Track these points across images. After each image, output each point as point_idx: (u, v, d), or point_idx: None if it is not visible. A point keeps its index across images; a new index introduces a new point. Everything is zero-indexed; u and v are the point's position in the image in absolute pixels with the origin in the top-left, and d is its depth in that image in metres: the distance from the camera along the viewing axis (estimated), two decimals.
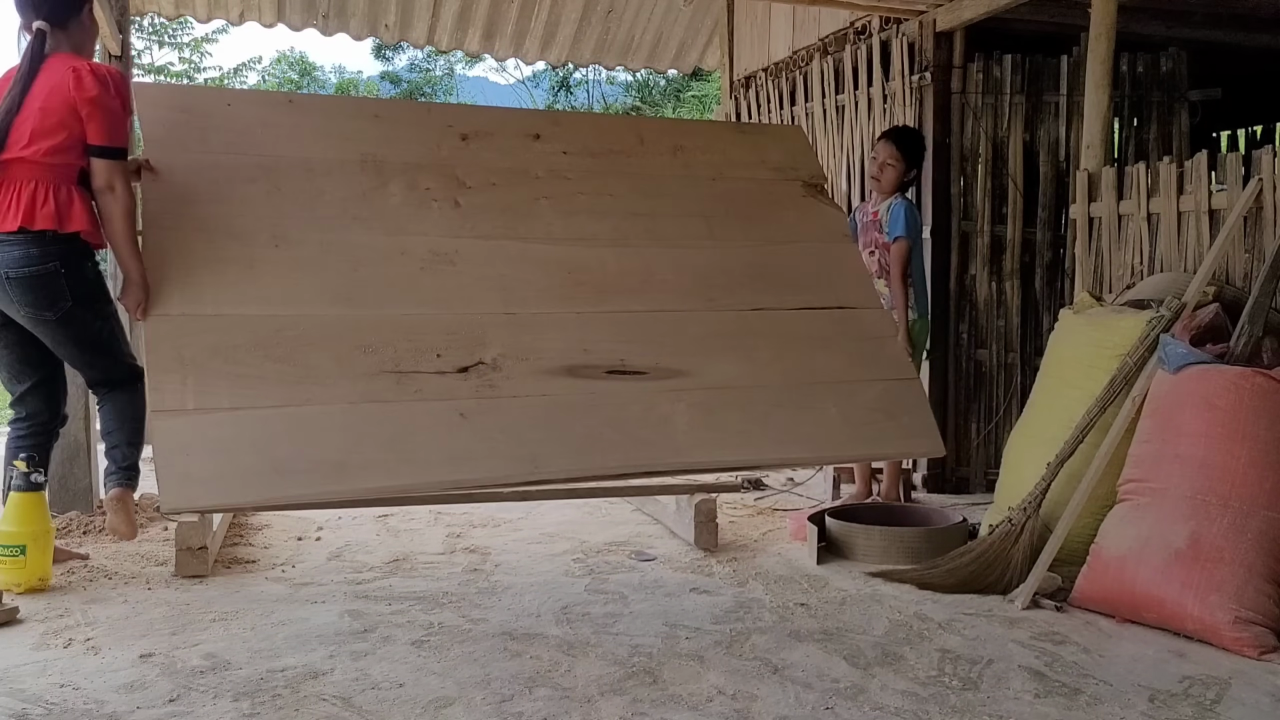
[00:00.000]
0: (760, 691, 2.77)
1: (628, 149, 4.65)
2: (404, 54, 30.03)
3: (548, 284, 4.06)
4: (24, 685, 2.76)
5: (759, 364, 4.14)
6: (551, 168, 4.46)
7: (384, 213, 3.98)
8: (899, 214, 4.74)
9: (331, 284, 3.73)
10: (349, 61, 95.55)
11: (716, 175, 4.69)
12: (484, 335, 3.77)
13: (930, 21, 5.22)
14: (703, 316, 4.22)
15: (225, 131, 3.91)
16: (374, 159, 4.07)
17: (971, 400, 5.38)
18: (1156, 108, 5.30)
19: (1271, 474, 3.26)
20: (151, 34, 21.09)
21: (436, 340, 3.73)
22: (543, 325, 3.94)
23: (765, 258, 4.47)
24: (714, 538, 4.19)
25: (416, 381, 3.60)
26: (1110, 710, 2.69)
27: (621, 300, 4.17)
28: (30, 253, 3.47)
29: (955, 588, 3.64)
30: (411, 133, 4.29)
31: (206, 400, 3.28)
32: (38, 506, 3.58)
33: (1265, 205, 3.74)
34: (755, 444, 3.90)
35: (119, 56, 6.03)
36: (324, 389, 3.47)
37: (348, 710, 2.64)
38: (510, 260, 4.06)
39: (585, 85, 28.83)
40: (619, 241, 4.31)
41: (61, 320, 3.56)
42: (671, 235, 4.43)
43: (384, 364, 3.58)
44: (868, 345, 4.26)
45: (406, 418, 3.52)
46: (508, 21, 7.66)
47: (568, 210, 4.32)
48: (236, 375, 3.38)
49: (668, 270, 4.25)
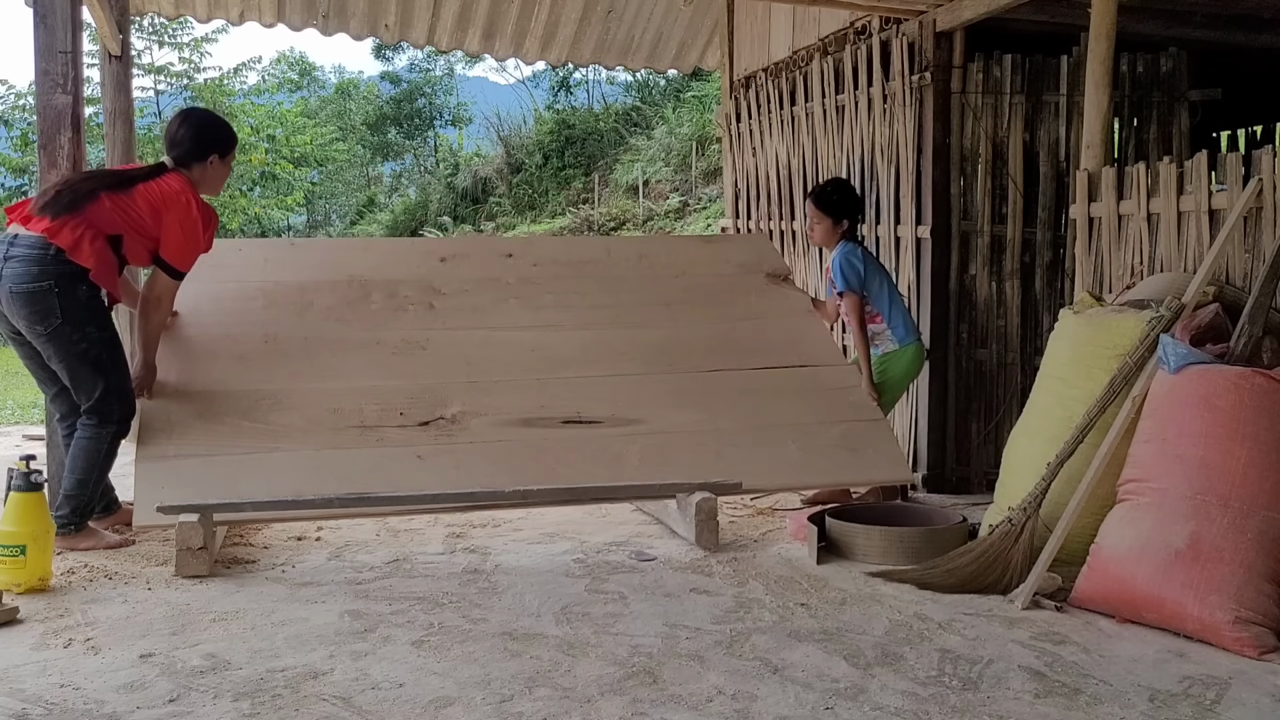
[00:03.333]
0: (760, 691, 2.77)
1: (595, 259, 5.17)
2: (404, 54, 30.09)
3: (510, 359, 4.48)
4: (24, 685, 2.76)
5: (715, 412, 4.46)
6: (522, 276, 4.97)
7: (364, 315, 4.50)
8: (836, 268, 4.88)
9: (310, 366, 4.24)
10: (349, 61, 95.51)
11: (680, 274, 5.14)
12: (447, 398, 4.17)
13: (930, 21, 5.22)
14: (660, 378, 4.58)
15: (234, 268, 4.58)
16: (359, 279, 4.66)
17: (971, 400, 5.39)
18: (1156, 108, 5.30)
19: (1271, 474, 3.26)
20: (151, 34, 21.10)
21: (401, 402, 4.18)
22: (503, 389, 4.35)
23: (726, 331, 4.80)
24: (714, 538, 4.18)
25: (379, 433, 4.03)
26: (1110, 710, 2.69)
27: (580, 368, 4.56)
28: (31, 270, 3.83)
29: (955, 588, 3.64)
30: (395, 259, 4.92)
31: (184, 449, 3.83)
32: (38, 506, 3.58)
33: (1265, 205, 3.74)
34: (707, 474, 4.19)
35: (119, 56, 6.03)
36: (292, 440, 3.99)
37: (348, 710, 2.64)
38: (477, 344, 4.52)
39: (585, 85, 28.84)
40: (582, 326, 4.73)
41: (51, 335, 3.88)
42: (633, 320, 4.82)
43: (350, 421, 4.05)
44: (831, 394, 4.61)
45: (365, 460, 3.97)
46: (508, 21, 7.67)
47: (535, 306, 4.77)
48: (214, 431, 3.95)
49: (627, 345, 4.61)
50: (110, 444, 4.03)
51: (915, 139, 5.34)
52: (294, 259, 4.77)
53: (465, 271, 4.85)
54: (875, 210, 5.70)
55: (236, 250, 4.83)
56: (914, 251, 5.41)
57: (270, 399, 4.11)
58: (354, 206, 32.18)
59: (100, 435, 3.99)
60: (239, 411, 4.05)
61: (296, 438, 3.99)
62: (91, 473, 4.00)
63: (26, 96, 20.28)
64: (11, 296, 3.85)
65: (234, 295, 4.53)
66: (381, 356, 4.33)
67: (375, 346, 4.36)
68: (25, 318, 3.87)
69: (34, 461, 3.62)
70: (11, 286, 3.84)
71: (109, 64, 6.10)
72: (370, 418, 4.10)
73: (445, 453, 4.13)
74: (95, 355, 3.94)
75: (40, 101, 4.38)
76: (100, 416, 3.98)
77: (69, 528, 3.96)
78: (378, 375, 4.27)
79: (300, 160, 25.02)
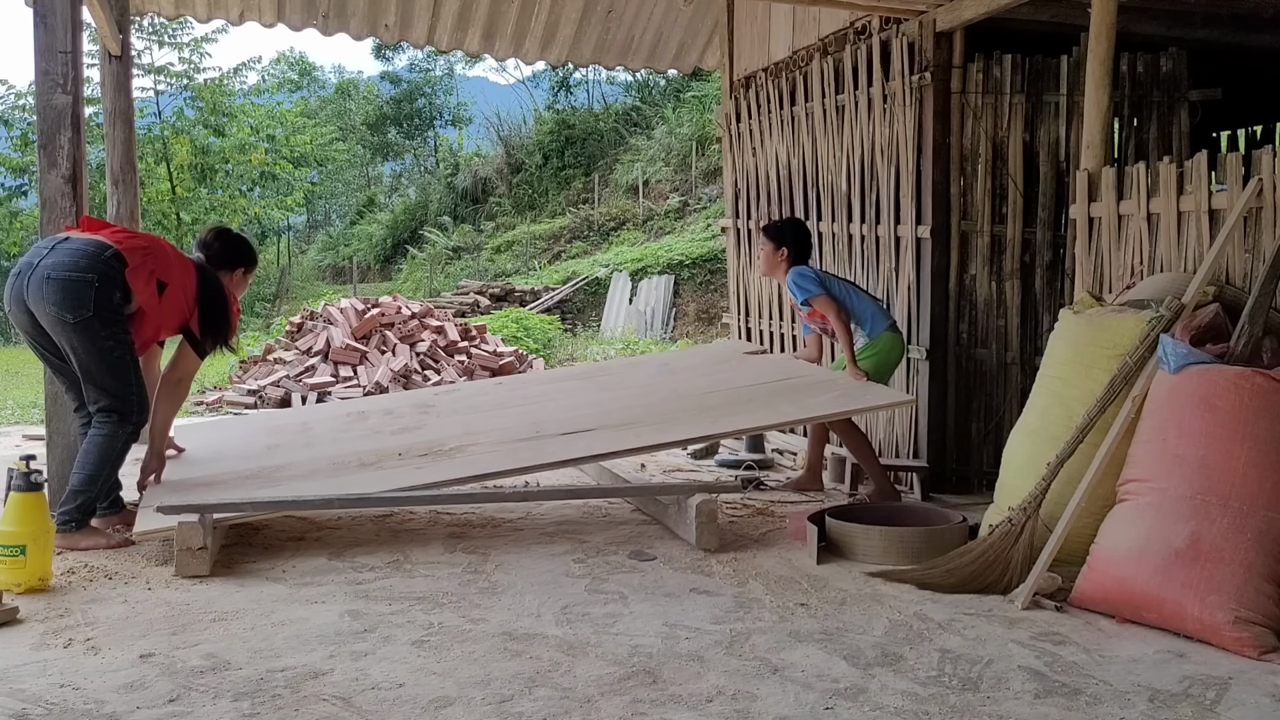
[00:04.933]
0: (760, 691, 2.77)
1: (587, 374, 6.03)
2: (404, 54, 30.12)
3: (506, 414, 5.00)
4: (24, 685, 2.76)
5: (709, 406, 4.90)
6: (511, 390, 5.74)
7: (362, 426, 5.08)
8: (791, 287, 5.15)
9: (313, 451, 4.68)
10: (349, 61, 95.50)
11: (663, 364, 6.06)
12: (444, 443, 4.56)
13: (930, 21, 5.22)
14: (650, 401, 5.08)
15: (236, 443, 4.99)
16: (357, 410, 5.42)
17: (971, 400, 5.39)
18: (1156, 108, 5.30)
19: (1271, 474, 3.26)
20: (151, 34, 21.11)
21: (401, 449, 4.55)
22: (496, 425, 4.81)
23: (714, 381, 5.31)
24: (714, 538, 4.19)
25: (378, 465, 4.37)
26: (1110, 710, 2.69)
27: (574, 408, 5.05)
28: (78, 262, 3.91)
29: (955, 588, 3.65)
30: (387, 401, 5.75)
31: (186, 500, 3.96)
32: (38, 506, 3.58)
33: (1265, 205, 3.74)
34: (706, 428, 4.60)
35: (119, 56, 6.03)
36: (292, 479, 4.27)
37: (348, 710, 2.64)
38: (476, 410, 5.16)
39: (585, 85, 28.84)
40: (572, 394, 5.40)
41: (77, 326, 3.91)
42: (622, 384, 5.47)
43: (350, 465, 4.39)
44: (820, 384, 4.95)
45: (363, 478, 4.25)
46: (508, 21, 7.67)
47: (525, 401, 5.30)
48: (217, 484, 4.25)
49: (618, 401, 5.12)
50: (124, 443, 4.07)
51: (915, 139, 5.34)
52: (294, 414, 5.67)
53: (457, 396, 5.64)
54: (875, 210, 5.71)
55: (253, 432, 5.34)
56: (914, 251, 5.41)
57: (272, 469, 4.45)
58: (354, 206, 32.19)
59: (117, 434, 4.02)
60: (243, 476, 4.35)
61: (296, 479, 4.30)
62: (103, 469, 4.03)
63: (26, 96, 20.29)
64: (47, 282, 3.87)
65: (242, 433, 5.27)
66: (381, 437, 4.82)
67: (375, 435, 4.87)
68: (56, 303, 3.87)
69: (34, 461, 3.62)
70: (50, 273, 3.88)
71: (109, 64, 6.10)
72: (370, 461, 4.46)
73: (444, 459, 4.38)
74: (120, 356, 3.99)
75: (40, 101, 4.38)
76: (120, 415, 4.01)
77: (71, 524, 3.96)
78: (376, 442, 4.74)
79: (300, 160, 25.01)
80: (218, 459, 4.64)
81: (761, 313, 6.98)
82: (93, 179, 9.17)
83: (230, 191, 23.24)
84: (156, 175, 21.35)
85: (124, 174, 6.22)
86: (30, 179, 20.62)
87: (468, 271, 22.70)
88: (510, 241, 23.91)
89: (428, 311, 11.38)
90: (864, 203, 5.78)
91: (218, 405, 9.43)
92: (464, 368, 10.60)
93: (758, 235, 5.99)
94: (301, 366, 9.98)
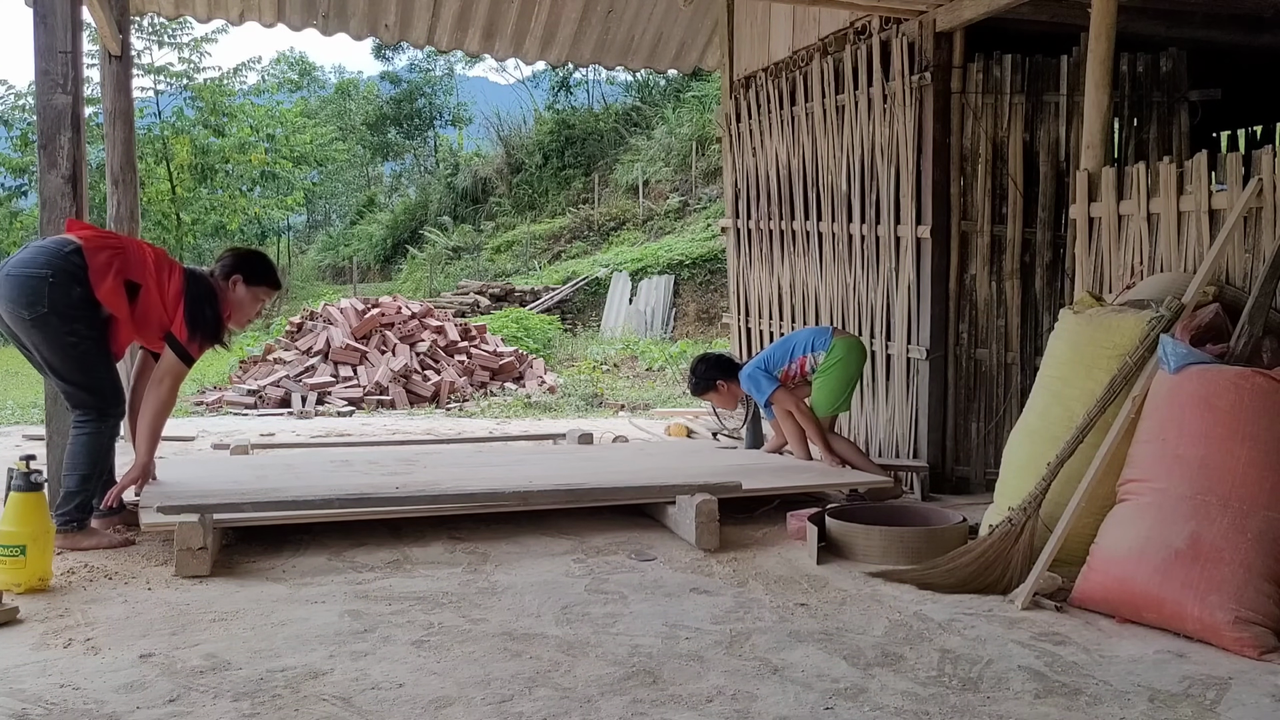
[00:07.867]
0: (760, 691, 2.77)
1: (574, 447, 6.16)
2: (404, 54, 30.14)
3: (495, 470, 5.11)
4: (24, 685, 2.76)
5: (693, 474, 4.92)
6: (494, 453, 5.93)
7: (348, 470, 5.09)
8: (752, 391, 5.36)
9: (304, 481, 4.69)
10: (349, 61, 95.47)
11: (639, 449, 6.31)
12: (439, 483, 4.64)
13: (930, 21, 5.22)
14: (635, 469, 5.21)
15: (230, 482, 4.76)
16: (343, 458, 5.50)
17: (971, 400, 5.39)
18: (1156, 108, 5.30)
19: (1271, 474, 3.26)
20: (151, 34, 21.10)
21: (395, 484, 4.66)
22: (486, 475, 4.90)
23: (694, 463, 5.42)
24: (714, 538, 4.19)
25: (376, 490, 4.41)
26: (1110, 710, 2.69)
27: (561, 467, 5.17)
28: (36, 259, 3.88)
29: (955, 588, 3.64)
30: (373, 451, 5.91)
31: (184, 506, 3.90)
32: (38, 506, 3.58)
33: (1265, 205, 3.74)
34: None
35: (119, 56, 6.02)
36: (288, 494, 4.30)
37: (348, 710, 2.64)
38: (461, 465, 5.27)
39: (585, 85, 28.85)
40: (557, 460, 5.48)
41: (35, 323, 3.88)
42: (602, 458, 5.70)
43: (345, 485, 4.55)
44: (798, 467, 5.21)
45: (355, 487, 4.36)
46: (508, 21, 7.66)
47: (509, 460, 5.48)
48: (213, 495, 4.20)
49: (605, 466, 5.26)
50: (109, 437, 4.07)
51: (915, 139, 5.34)
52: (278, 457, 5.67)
53: (440, 456, 5.72)
54: (875, 210, 5.71)
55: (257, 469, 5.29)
56: (914, 251, 5.41)
57: (265, 490, 4.45)
58: (354, 206, 32.20)
59: (100, 430, 4.02)
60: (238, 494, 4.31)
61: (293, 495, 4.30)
62: (94, 468, 4.03)
63: (26, 96, 20.30)
64: (5, 280, 3.87)
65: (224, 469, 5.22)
66: (370, 477, 4.86)
67: (364, 475, 4.93)
68: (12, 300, 3.86)
69: (34, 461, 3.62)
70: (10, 270, 3.88)
71: (109, 64, 6.09)
72: (364, 483, 4.59)
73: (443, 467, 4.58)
74: (84, 350, 3.95)
75: (40, 101, 4.38)
76: (98, 412, 4.00)
77: (71, 525, 3.97)
78: (367, 479, 4.80)
79: (300, 160, 25.01)
80: (207, 482, 4.63)
81: (762, 313, 6.98)
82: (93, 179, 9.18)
83: (230, 191, 23.24)
84: (156, 175, 21.35)
85: (124, 174, 6.21)
86: (30, 179, 20.62)
87: (468, 271, 22.71)
88: (510, 241, 23.93)
89: (428, 311, 11.40)
90: (864, 203, 5.78)
91: (218, 405, 9.44)
92: (464, 367, 10.61)
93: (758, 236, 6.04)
94: (301, 366, 9.99)
